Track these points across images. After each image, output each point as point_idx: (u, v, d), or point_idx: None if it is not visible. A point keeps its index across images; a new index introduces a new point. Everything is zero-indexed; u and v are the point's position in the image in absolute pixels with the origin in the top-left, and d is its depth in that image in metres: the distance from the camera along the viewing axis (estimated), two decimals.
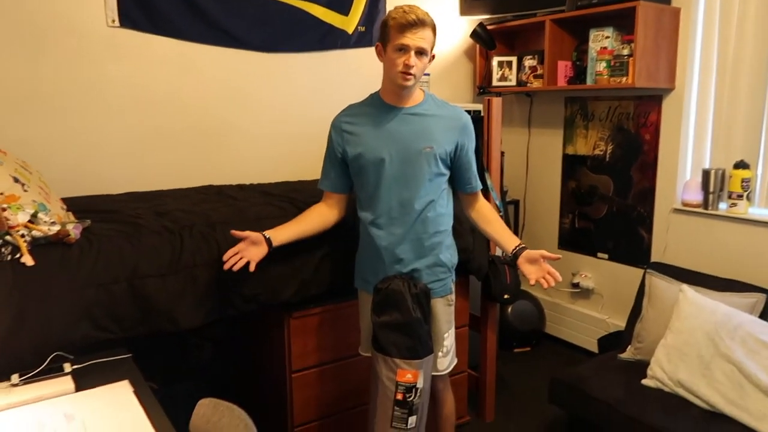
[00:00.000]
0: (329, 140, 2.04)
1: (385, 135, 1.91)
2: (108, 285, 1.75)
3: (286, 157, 3.14)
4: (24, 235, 1.70)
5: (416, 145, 1.89)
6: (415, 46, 1.77)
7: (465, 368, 2.71)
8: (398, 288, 1.84)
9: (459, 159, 1.97)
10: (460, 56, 3.65)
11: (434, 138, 1.90)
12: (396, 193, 1.91)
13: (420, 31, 1.76)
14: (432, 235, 1.94)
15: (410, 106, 1.92)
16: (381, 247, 1.93)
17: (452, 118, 1.95)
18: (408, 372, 1.82)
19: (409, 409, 1.83)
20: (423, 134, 1.90)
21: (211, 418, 1.29)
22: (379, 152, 1.90)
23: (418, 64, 1.80)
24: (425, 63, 1.84)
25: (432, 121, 1.92)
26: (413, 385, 1.82)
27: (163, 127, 2.78)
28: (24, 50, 2.42)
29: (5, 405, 1.44)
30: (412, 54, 1.78)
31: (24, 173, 1.97)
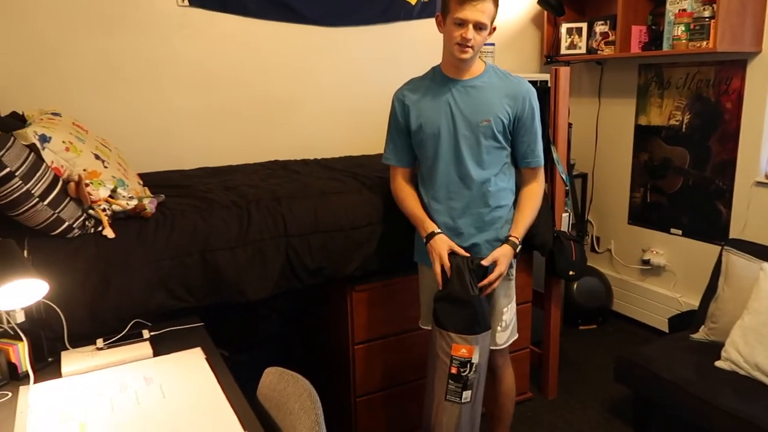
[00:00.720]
0: (392, 113, 2.03)
1: (443, 108, 1.89)
2: (181, 257, 1.84)
3: (349, 132, 3.16)
4: (105, 209, 1.81)
5: (474, 118, 1.86)
6: (474, 19, 1.73)
7: (528, 344, 2.69)
8: (457, 264, 1.83)
9: (517, 131, 1.91)
10: (526, 24, 3.53)
11: (492, 111, 1.85)
12: (454, 166, 1.90)
13: (480, 4, 1.72)
14: (492, 210, 1.92)
15: (469, 78, 1.88)
16: (439, 221, 1.92)
17: (511, 88, 1.88)
18: (463, 347, 1.82)
19: (464, 383, 1.84)
20: (480, 107, 1.86)
21: (276, 386, 1.35)
22: (437, 125, 1.89)
23: (476, 38, 1.76)
24: (484, 36, 1.79)
25: (490, 93, 1.87)
26: (468, 359, 1.82)
27: (230, 104, 2.86)
28: (100, 30, 2.53)
29: (92, 367, 1.55)
30: (470, 28, 1.74)
31: (104, 150, 2.08)
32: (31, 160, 1.68)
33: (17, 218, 1.66)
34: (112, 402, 1.38)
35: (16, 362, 1.51)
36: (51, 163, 1.78)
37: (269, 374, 1.40)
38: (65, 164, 1.82)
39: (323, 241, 2.03)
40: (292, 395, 1.28)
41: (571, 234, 2.61)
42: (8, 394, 1.44)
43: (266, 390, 1.39)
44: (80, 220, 1.74)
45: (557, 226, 2.57)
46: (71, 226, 1.72)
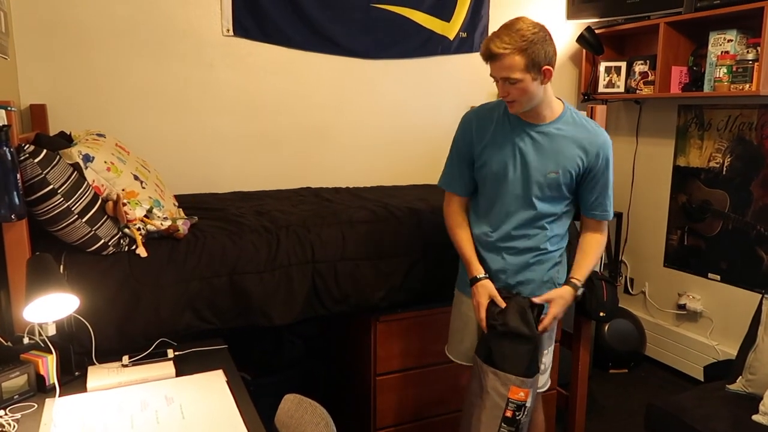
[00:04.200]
0: (457, 136, 1.94)
1: (511, 150, 1.80)
2: (210, 279, 1.87)
3: (383, 162, 3.19)
4: (140, 228, 1.86)
5: (542, 168, 1.77)
6: (499, 77, 1.67)
7: (555, 386, 2.62)
8: (519, 303, 1.78)
9: (586, 183, 1.82)
10: (564, 61, 3.53)
11: (561, 162, 1.76)
12: (513, 209, 1.83)
13: (498, 63, 1.64)
14: (540, 253, 1.85)
15: (542, 123, 1.77)
16: (487, 258, 1.88)
17: (587, 139, 1.77)
18: (521, 390, 1.74)
19: (516, 427, 1.76)
20: (550, 157, 1.76)
21: (294, 414, 1.35)
22: (503, 166, 1.80)
23: (512, 92, 1.67)
24: (526, 86, 1.66)
25: (563, 142, 1.76)
26: (523, 403, 1.74)
27: (268, 131, 2.93)
28: (148, 56, 2.65)
29: (116, 383, 1.58)
30: (501, 84, 1.68)
31: (143, 171, 2.15)
32: (73, 178, 1.75)
33: (57, 233, 1.72)
34: (133, 420, 1.39)
35: (45, 374, 1.54)
36: (92, 181, 1.85)
37: (288, 401, 1.40)
38: (106, 183, 1.89)
39: (350, 269, 2.04)
40: (309, 423, 1.27)
41: (603, 274, 2.55)
42: (34, 406, 1.47)
43: (284, 417, 1.39)
44: (115, 238, 1.80)
45: None
46: (106, 243, 1.77)
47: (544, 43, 1.63)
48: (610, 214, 1.87)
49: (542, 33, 1.64)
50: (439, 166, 3.33)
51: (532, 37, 1.61)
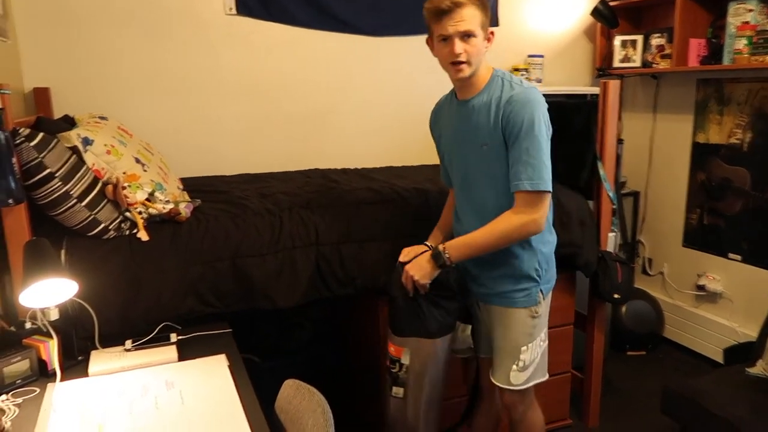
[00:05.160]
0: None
1: (452, 134, 1.77)
2: (213, 262, 1.84)
3: (391, 142, 3.13)
4: (141, 212, 1.84)
5: (474, 143, 1.66)
6: (456, 32, 1.54)
7: (569, 368, 2.57)
8: (399, 267, 1.76)
9: (508, 146, 1.61)
10: (578, 36, 3.43)
11: (488, 131, 1.62)
12: (466, 194, 1.77)
13: (458, 14, 1.52)
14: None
15: (470, 97, 1.67)
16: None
17: (503, 96, 1.59)
18: (392, 345, 1.80)
19: (393, 379, 1.80)
20: (479, 129, 1.64)
21: (292, 400, 1.32)
22: (449, 152, 1.81)
23: (468, 49, 1.55)
24: (478, 45, 1.56)
25: (485, 111, 1.62)
26: (397, 359, 1.78)
27: (274, 112, 2.88)
28: (149, 37, 2.61)
29: (118, 368, 1.57)
30: (457, 41, 1.55)
31: (146, 154, 2.12)
32: (72, 161, 1.73)
33: (57, 218, 1.70)
34: (132, 405, 1.38)
35: (47, 359, 1.53)
36: (92, 165, 1.82)
37: (287, 387, 1.37)
38: (106, 167, 1.86)
39: (354, 251, 2.00)
40: (307, 410, 1.24)
41: (617, 255, 2.49)
42: (36, 390, 1.46)
43: (283, 403, 1.36)
44: (116, 222, 1.78)
45: (602, 246, 2.45)
46: (107, 227, 1.75)
47: (488, 7, 1.61)
48: (523, 184, 1.56)
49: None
50: None
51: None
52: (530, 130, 1.55)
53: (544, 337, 1.84)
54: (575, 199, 2.38)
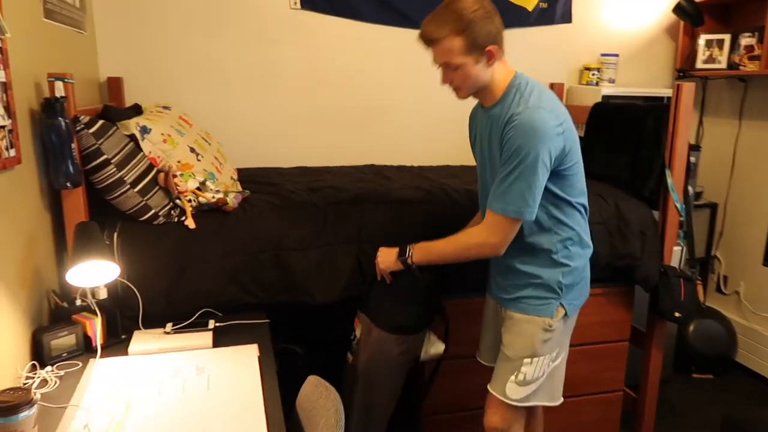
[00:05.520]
0: None
1: (479, 140, 1.70)
2: (255, 253, 1.87)
3: (452, 141, 3.08)
4: (191, 200, 1.90)
5: (490, 153, 1.62)
6: (438, 61, 1.55)
7: (621, 386, 2.44)
8: None
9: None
10: (658, 34, 3.22)
11: (498, 145, 1.57)
12: (482, 203, 1.72)
13: (437, 47, 1.51)
14: (519, 253, 1.64)
15: (489, 106, 1.61)
16: None
17: (508, 116, 1.50)
18: (357, 319, 1.90)
19: (349, 347, 1.91)
20: (492, 141, 1.58)
21: (310, 397, 1.32)
22: (478, 158, 1.74)
23: (455, 77, 1.54)
24: (467, 71, 1.51)
25: (498, 124, 1.56)
26: (353, 329, 1.90)
27: (334, 106, 2.90)
28: (216, 31, 2.69)
29: (155, 349, 1.63)
30: (443, 71, 1.56)
31: (202, 144, 2.19)
32: (128, 149, 1.81)
33: (112, 202, 1.79)
34: (161, 386, 1.43)
35: (92, 336, 1.62)
36: (149, 153, 1.90)
37: (308, 384, 1.37)
38: (162, 155, 1.94)
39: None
40: (321, 409, 1.24)
41: (682, 270, 2.32)
42: (78, 364, 1.55)
43: (303, 399, 1.37)
44: (166, 209, 1.85)
45: (665, 260, 2.29)
46: (157, 213, 1.82)
47: (486, 21, 1.46)
48: (493, 205, 1.51)
49: (482, 10, 1.46)
50: None
51: (471, 16, 1.45)
52: (522, 159, 1.46)
53: (557, 358, 1.70)
54: (638, 208, 2.25)
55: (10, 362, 1.43)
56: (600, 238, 2.17)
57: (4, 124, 1.37)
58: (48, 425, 1.26)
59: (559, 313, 1.65)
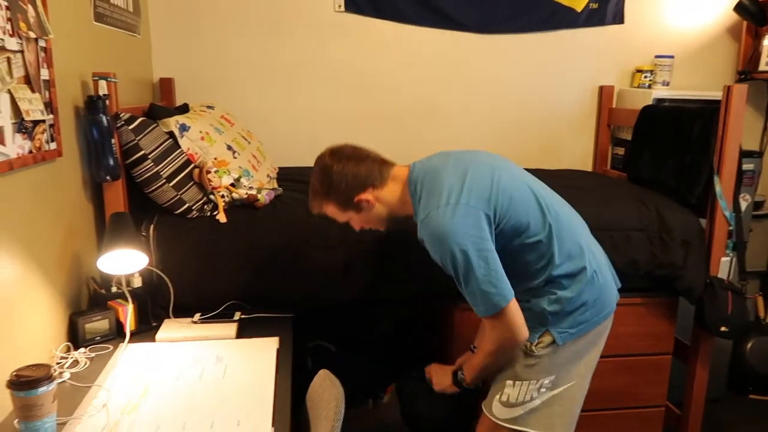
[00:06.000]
0: None
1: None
2: (282, 249, 1.92)
3: (495, 145, 3.03)
4: (224, 195, 1.97)
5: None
6: None
7: (664, 402, 2.32)
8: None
9: None
10: (719, 34, 3.05)
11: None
12: None
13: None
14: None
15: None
16: None
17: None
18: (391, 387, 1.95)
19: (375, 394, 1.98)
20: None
21: (318, 389, 1.34)
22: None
23: (356, 226, 1.64)
24: (358, 218, 1.60)
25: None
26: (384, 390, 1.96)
27: (375, 108, 2.92)
28: (263, 33, 2.77)
29: (181, 338, 1.70)
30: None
31: (241, 142, 2.26)
32: (166, 145, 1.90)
33: (150, 195, 1.87)
34: (180, 372, 1.49)
35: (124, 321, 1.70)
36: (187, 149, 1.99)
37: (318, 377, 1.39)
38: (199, 152, 2.02)
39: (423, 254, 1.96)
40: (325, 401, 1.26)
41: (730, 282, 2.19)
42: (109, 348, 1.63)
43: (312, 392, 1.39)
44: (199, 203, 1.92)
45: (712, 271, 2.17)
46: (190, 207, 1.90)
47: (342, 177, 1.52)
48: (477, 311, 1.45)
49: (324, 176, 1.55)
50: (558, 151, 3.12)
51: (319, 187, 1.56)
52: (454, 266, 1.41)
53: (556, 387, 1.56)
54: (682, 216, 2.14)
55: (47, 342, 1.53)
56: (639, 246, 2.09)
57: (44, 119, 1.47)
58: (71, 402, 1.34)
59: (545, 340, 1.53)
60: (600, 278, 1.56)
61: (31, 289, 1.44)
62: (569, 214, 1.62)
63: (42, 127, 1.46)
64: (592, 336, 1.58)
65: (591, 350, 1.61)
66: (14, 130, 1.33)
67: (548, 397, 1.57)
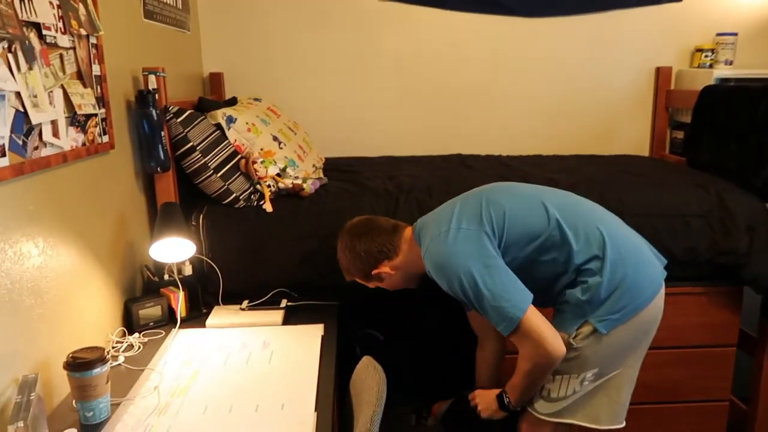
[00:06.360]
0: None
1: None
2: (327, 237, 1.92)
3: (544, 131, 2.97)
4: (270, 185, 1.99)
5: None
6: None
7: (728, 396, 2.21)
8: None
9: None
10: None
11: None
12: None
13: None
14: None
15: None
16: None
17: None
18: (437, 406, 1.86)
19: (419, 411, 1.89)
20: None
21: (361, 376, 1.33)
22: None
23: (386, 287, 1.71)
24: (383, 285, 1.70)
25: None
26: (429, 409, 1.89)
27: (422, 96, 2.90)
28: (310, 25, 2.80)
29: (229, 324, 1.74)
30: None
31: (287, 133, 2.29)
32: (214, 137, 1.94)
33: (199, 186, 1.92)
34: (228, 358, 1.52)
35: (175, 308, 1.76)
36: (234, 140, 2.02)
37: (362, 363, 1.39)
38: (246, 143, 2.05)
39: None
40: (367, 387, 1.25)
41: None
42: (162, 333, 1.69)
43: (355, 378, 1.39)
44: (246, 193, 1.95)
45: None
46: (238, 197, 1.93)
47: (356, 258, 1.63)
48: (501, 330, 1.42)
49: (343, 254, 1.66)
50: (612, 136, 3.01)
51: (343, 263, 1.68)
52: (461, 290, 1.42)
53: (595, 378, 1.51)
54: (746, 200, 2.02)
55: (103, 328, 1.59)
56: (699, 233, 1.99)
57: (96, 113, 1.53)
58: (125, 384, 1.39)
59: (584, 331, 1.47)
60: (631, 258, 1.48)
61: (87, 277, 1.50)
62: (580, 202, 1.58)
63: (94, 120, 1.52)
64: (641, 323, 1.50)
65: (642, 340, 1.54)
66: (67, 124, 1.39)
67: (592, 388, 1.52)
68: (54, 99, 1.33)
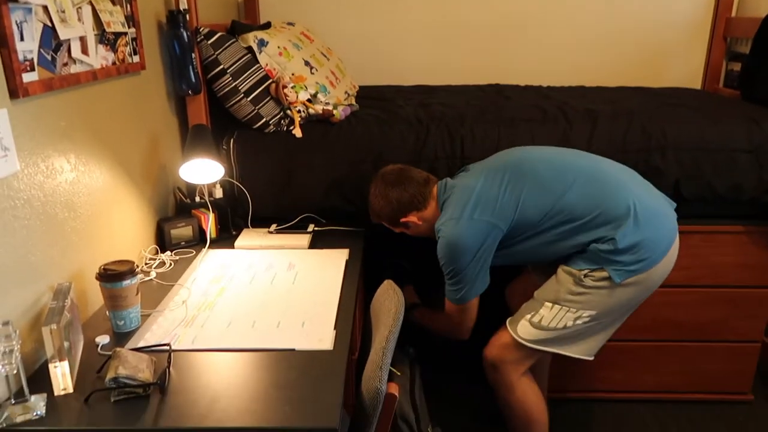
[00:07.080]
0: None
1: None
2: (356, 164, 1.92)
3: (589, 60, 2.83)
4: (300, 110, 1.98)
5: None
6: None
7: (760, 337, 2.17)
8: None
9: None
10: None
11: None
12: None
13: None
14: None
15: None
16: None
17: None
18: None
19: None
20: None
21: (380, 298, 1.36)
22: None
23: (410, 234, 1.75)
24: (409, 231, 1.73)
25: None
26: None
27: (462, 23, 2.79)
28: None
29: (257, 245, 1.78)
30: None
31: (319, 58, 2.25)
32: (244, 60, 1.92)
33: (230, 110, 1.93)
34: (254, 277, 1.56)
35: (205, 228, 1.81)
36: (265, 65, 2.00)
37: (382, 287, 1.41)
38: (277, 67, 2.03)
39: None
40: (386, 309, 1.28)
41: None
42: (192, 252, 1.74)
43: (375, 300, 1.42)
44: (276, 118, 1.95)
45: None
46: (268, 122, 1.93)
47: (388, 204, 1.66)
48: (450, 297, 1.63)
49: (374, 199, 1.69)
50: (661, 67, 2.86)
51: (372, 207, 1.71)
52: (449, 266, 1.57)
53: (589, 320, 1.55)
54: None
55: (137, 245, 1.65)
56: (746, 169, 1.89)
57: (126, 32, 1.53)
58: (156, 297, 1.46)
59: (598, 274, 1.51)
60: (652, 221, 1.51)
61: (120, 195, 1.55)
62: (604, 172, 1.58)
63: (124, 39, 1.52)
64: (651, 279, 1.53)
65: (642, 300, 1.59)
66: (97, 41, 1.39)
67: (581, 328, 1.57)
68: (83, 15, 1.33)
